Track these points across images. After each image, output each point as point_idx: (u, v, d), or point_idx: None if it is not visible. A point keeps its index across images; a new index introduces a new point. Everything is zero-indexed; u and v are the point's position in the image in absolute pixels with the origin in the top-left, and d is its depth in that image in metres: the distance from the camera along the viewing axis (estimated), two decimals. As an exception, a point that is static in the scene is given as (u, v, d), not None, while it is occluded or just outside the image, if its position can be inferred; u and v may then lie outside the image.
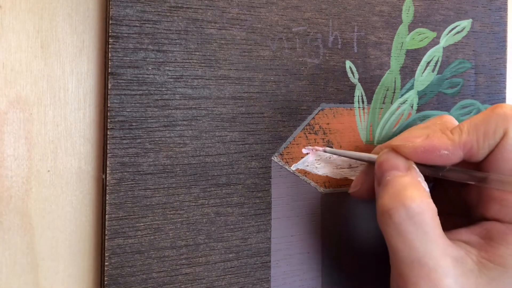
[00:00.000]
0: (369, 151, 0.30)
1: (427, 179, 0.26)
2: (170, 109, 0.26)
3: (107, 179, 0.25)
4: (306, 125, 0.29)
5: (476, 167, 0.26)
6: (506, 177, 0.24)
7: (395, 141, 0.27)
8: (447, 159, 0.25)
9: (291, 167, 0.29)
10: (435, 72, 0.33)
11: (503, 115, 0.24)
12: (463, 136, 0.25)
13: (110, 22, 0.24)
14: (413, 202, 0.24)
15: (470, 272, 0.24)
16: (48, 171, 0.24)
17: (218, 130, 0.27)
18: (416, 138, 0.26)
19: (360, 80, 0.31)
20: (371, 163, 0.28)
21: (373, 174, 0.28)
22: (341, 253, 0.31)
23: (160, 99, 0.26)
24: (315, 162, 0.30)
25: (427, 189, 0.25)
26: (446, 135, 0.26)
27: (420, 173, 0.26)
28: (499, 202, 0.25)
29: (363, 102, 0.31)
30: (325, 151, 0.29)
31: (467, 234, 0.26)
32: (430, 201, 0.24)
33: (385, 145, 0.27)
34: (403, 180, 0.25)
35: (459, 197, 0.28)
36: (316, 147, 0.29)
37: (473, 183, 0.25)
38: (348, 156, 0.29)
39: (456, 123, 0.28)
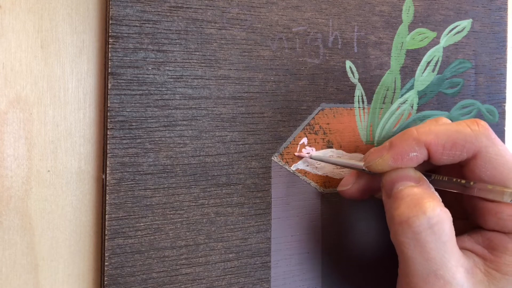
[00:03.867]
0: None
1: None
2: (170, 109, 0.26)
3: (107, 179, 0.25)
4: (306, 125, 0.29)
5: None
6: (493, 186, 0.24)
7: (367, 161, 0.27)
8: (419, 160, 0.25)
9: (291, 167, 0.29)
10: (435, 72, 0.33)
11: (476, 133, 0.24)
12: (430, 137, 0.25)
13: (110, 22, 0.24)
14: (433, 210, 0.23)
15: (481, 283, 0.24)
16: (48, 171, 0.24)
17: (218, 130, 0.27)
18: (382, 151, 0.25)
19: (360, 80, 0.31)
20: (358, 170, 0.28)
21: (365, 177, 0.28)
22: (341, 253, 0.31)
23: (160, 99, 0.26)
24: (315, 162, 0.30)
25: (440, 199, 0.25)
26: (409, 135, 0.25)
27: (430, 183, 0.25)
28: (494, 215, 0.25)
29: (363, 102, 0.31)
30: (311, 157, 0.29)
31: (471, 243, 0.26)
32: (447, 210, 0.24)
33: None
34: (417, 190, 0.24)
35: (455, 203, 0.28)
36: (301, 153, 0.29)
37: (458, 191, 0.25)
38: (334, 163, 0.29)
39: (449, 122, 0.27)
